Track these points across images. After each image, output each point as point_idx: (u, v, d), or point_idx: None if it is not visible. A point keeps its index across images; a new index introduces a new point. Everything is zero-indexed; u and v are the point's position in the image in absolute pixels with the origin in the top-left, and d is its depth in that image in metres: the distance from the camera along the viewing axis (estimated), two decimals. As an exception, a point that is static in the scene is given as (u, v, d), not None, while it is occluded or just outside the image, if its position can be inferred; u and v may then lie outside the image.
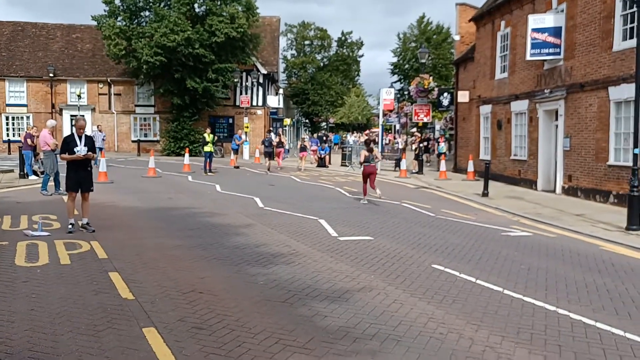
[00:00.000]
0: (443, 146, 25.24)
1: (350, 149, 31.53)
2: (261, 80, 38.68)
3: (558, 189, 17.38)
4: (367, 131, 54.87)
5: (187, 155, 25.81)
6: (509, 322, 5.67)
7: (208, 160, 23.52)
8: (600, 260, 8.67)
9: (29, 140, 18.59)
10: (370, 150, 15.07)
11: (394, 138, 34.01)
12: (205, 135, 24.36)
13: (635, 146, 11.29)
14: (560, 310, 6.05)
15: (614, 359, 4.82)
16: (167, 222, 11.33)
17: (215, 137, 27.37)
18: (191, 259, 8.07)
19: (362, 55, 75.79)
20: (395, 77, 63.60)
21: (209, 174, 22.98)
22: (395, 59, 63.72)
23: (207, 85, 34.26)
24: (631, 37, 13.67)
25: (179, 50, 32.72)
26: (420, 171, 24.78)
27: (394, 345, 4.94)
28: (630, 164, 11.56)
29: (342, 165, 30.02)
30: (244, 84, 38.49)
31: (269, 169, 25.17)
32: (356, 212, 13.09)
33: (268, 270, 7.43)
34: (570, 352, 4.93)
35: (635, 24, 11.94)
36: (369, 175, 14.96)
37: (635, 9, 11.71)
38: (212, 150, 24.16)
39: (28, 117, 38.53)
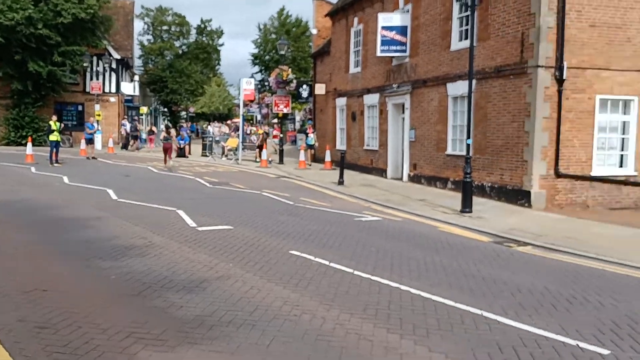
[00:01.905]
0: (312, 137, 25.80)
1: (210, 139, 31.09)
2: (114, 66, 36.57)
3: (405, 177, 18.77)
4: (229, 121, 54.43)
5: (29, 144, 23.66)
6: (357, 300, 6.08)
7: (54, 150, 21.80)
8: (438, 240, 9.58)
9: None
10: (168, 133, 22.92)
11: (257, 130, 33.76)
12: (51, 123, 22.50)
13: (468, 137, 12.58)
14: (402, 287, 6.61)
15: (446, 327, 5.40)
16: (7, 216, 10.39)
17: (62, 125, 25.54)
18: (35, 254, 7.54)
19: (223, 45, 74.68)
20: (256, 68, 63.66)
21: (55, 165, 21.31)
22: (256, 50, 63.72)
23: (52, 69, 31.55)
24: (466, 38, 15.09)
25: (18, 30, 29.73)
26: (280, 161, 25.27)
27: (249, 330, 5.08)
28: (465, 153, 12.84)
29: (202, 155, 29.54)
30: (94, 69, 36.08)
31: (137, 149, 32.66)
32: (216, 203, 13.04)
33: (121, 264, 7.18)
34: (410, 323, 5.43)
35: (469, 27, 13.23)
36: (167, 150, 21.95)
37: (468, 12, 12.98)
38: (59, 139, 22.42)
39: None
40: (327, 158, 23.62)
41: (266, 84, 50.63)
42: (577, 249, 8.92)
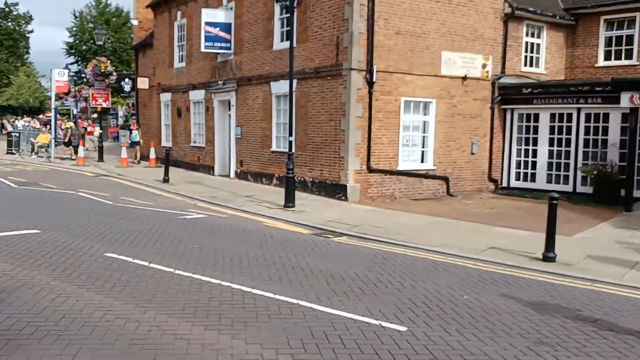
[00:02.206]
0: (136, 134, 24.41)
1: (18, 134, 28.13)
2: None
3: (232, 174, 18.83)
4: (42, 115, 49.57)
5: None
6: (176, 300, 6.01)
7: None
8: (262, 235, 9.82)
9: None
10: None
11: (65, 124, 30.65)
12: None
13: (290, 134, 13.05)
14: (224, 283, 6.69)
15: (263, 318, 5.58)
16: None
17: None
18: None
19: (32, 31, 67.27)
20: (72, 59, 58.79)
21: None
22: (71, 39, 58.76)
23: None
24: (287, 39, 15.56)
25: None
26: (100, 159, 23.76)
27: (54, 341, 4.75)
28: (287, 150, 13.29)
29: (8, 152, 26.66)
30: None
31: None
32: (22, 205, 11.85)
33: None
34: (228, 318, 5.52)
35: (289, 28, 13.66)
36: None
37: (288, 14, 13.42)
38: None
39: None
40: (152, 155, 22.74)
41: (83, 75, 47.03)
42: (386, 237, 9.79)
